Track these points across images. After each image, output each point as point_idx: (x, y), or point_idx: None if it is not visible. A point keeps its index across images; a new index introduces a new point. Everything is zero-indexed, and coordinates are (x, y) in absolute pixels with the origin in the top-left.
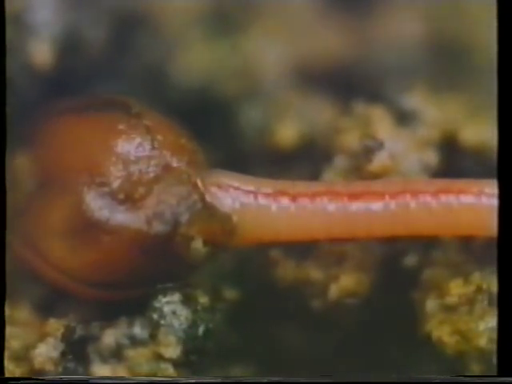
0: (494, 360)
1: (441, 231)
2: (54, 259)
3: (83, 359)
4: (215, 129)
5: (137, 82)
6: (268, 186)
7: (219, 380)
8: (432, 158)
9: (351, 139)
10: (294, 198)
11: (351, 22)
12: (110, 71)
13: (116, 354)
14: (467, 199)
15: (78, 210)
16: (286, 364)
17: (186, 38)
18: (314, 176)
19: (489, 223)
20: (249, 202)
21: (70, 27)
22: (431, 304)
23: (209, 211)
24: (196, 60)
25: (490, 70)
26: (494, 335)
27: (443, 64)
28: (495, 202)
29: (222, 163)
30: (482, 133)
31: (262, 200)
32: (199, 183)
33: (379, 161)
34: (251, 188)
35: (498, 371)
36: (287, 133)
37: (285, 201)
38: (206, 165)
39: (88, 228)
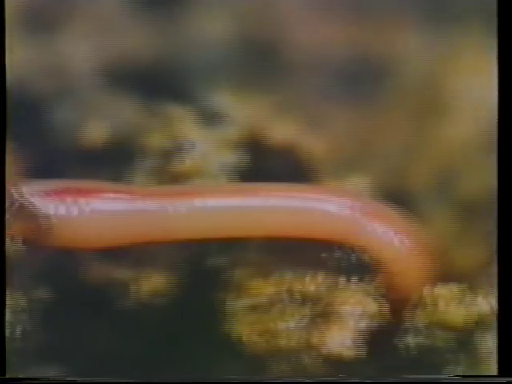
0: (298, 360)
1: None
2: None
3: None
4: (24, 128)
5: None
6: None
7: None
8: (238, 158)
9: (156, 140)
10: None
11: (158, 22)
12: None
13: None
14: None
15: None
16: (96, 363)
17: None
18: (121, 177)
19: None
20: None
21: None
22: (233, 304)
23: (25, 212)
24: (6, 58)
25: (298, 70)
26: (294, 335)
27: (250, 63)
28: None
29: (30, 162)
30: (289, 133)
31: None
32: (12, 184)
33: (185, 162)
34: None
35: (498, 371)
36: (95, 133)
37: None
38: (17, 165)
39: None
